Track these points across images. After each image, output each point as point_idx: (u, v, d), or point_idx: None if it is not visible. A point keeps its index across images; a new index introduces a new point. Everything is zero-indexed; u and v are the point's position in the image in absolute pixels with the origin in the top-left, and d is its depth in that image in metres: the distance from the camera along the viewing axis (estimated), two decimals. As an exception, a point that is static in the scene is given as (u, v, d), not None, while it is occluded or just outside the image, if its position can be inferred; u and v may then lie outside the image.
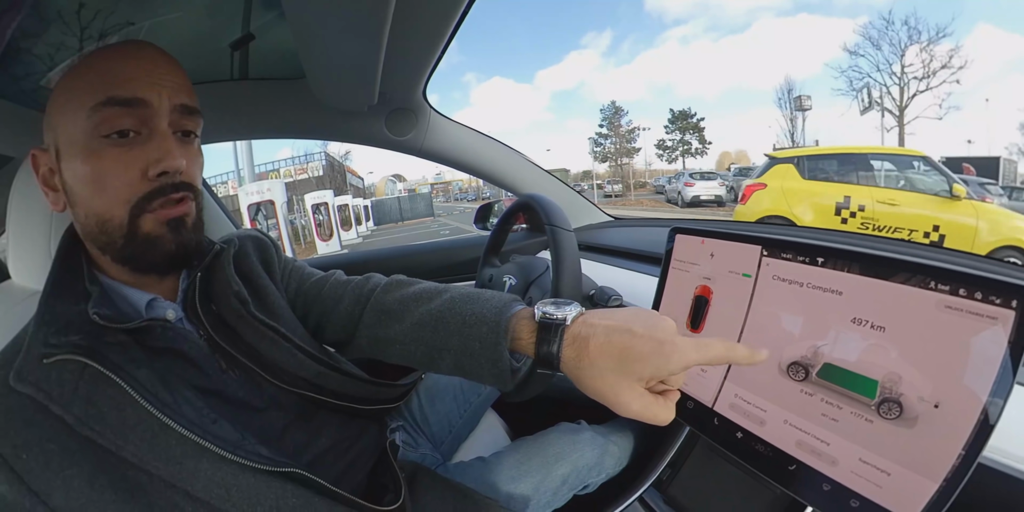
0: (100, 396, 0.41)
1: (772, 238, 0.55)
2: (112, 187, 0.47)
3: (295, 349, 0.56)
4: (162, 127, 0.48)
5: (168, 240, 0.50)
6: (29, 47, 0.75)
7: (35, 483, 0.38)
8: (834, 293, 0.48)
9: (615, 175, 27.38)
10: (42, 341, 0.42)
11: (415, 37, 0.76)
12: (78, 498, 0.38)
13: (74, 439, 0.40)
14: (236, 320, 0.55)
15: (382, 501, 0.54)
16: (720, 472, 0.64)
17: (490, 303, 0.52)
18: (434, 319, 0.54)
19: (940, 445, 0.39)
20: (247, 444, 0.45)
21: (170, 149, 0.48)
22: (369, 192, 39.54)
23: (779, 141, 14.47)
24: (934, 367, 0.40)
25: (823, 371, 0.47)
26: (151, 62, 0.49)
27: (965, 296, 0.39)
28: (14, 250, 0.64)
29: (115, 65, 0.48)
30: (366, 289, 0.64)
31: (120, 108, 0.46)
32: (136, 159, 0.47)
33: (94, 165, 0.47)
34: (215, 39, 0.90)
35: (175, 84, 0.50)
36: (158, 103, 0.48)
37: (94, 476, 0.39)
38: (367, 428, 0.64)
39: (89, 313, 0.45)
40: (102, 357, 0.42)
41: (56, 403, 0.40)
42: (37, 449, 0.39)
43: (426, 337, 0.54)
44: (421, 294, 0.59)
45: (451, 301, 0.55)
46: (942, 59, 14.67)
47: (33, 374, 0.41)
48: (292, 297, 0.66)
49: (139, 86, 0.47)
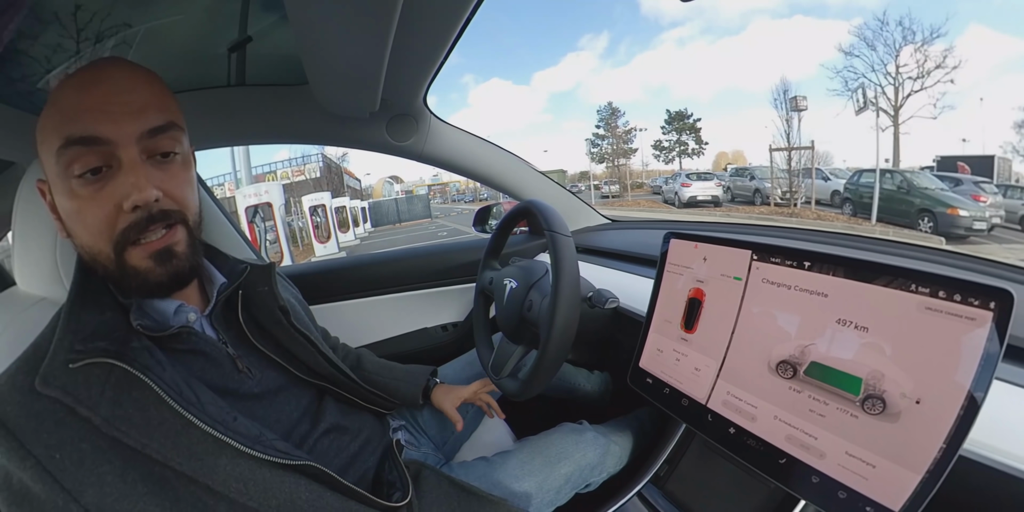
0: (125, 398, 0.43)
1: (762, 243, 0.57)
2: (93, 224, 0.48)
3: (318, 353, 0.66)
4: (128, 158, 0.47)
5: (157, 273, 0.50)
6: (25, 49, 0.75)
7: (68, 482, 0.39)
8: (820, 295, 0.50)
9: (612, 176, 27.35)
10: (68, 347, 0.44)
11: (419, 43, 0.77)
12: (111, 493, 0.40)
13: (103, 439, 0.42)
14: (275, 326, 0.63)
15: (390, 498, 0.56)
16: (716, 467, 0.66)
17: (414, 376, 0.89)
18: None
19: (922, 439, 0.41)
20: (264, 439, 0.47)
21: (138, 182, 0.47)
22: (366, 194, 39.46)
23: (775, 141, 14.48)
24: (916, 365, 0.42)
25: (810, 369, 0.49)
26: (107, 88, 0.47)
27: (945, 298, 0.41)
28: (20, 258, 0.64)
29: (72, 100, 0.46)
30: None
31: (80, 147, 0.46)
32: (110, 195, 0.47)
33: (73, 203, 0.48)
34: (214, 43, 0.90)
35: (137, 106, 0.48)
36: (117, 135, 0.46)
37: (124, 472, 0.41)
38: (367, 419, 0.71)
39: (132, 323, 0.48)
40: (130, 359, 0.44)
41: (83, 405, 0.41)
42: (71, 448, 0.40)
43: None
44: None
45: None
46: (936, 59, 14.69)
47: (60, 378, 0.42)
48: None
49: (94, 121, 0.46)
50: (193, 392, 0.46)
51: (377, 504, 0.53)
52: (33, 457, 0.40)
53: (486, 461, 0.81)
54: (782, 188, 13.19)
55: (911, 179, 9.11)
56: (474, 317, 1.01)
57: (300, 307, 0.78)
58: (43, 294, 0.64)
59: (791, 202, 12.67)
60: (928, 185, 8.85)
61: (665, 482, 0.70)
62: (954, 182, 9.07)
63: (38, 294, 0.64)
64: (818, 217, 11.14)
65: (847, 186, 10.84)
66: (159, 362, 0.46)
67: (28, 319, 0.60)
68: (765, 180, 13.82)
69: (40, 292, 0.64)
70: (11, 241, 0.66)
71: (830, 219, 10.77)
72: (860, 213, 10.17)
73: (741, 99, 62.19)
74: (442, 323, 1.39)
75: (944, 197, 8.36)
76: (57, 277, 0.63)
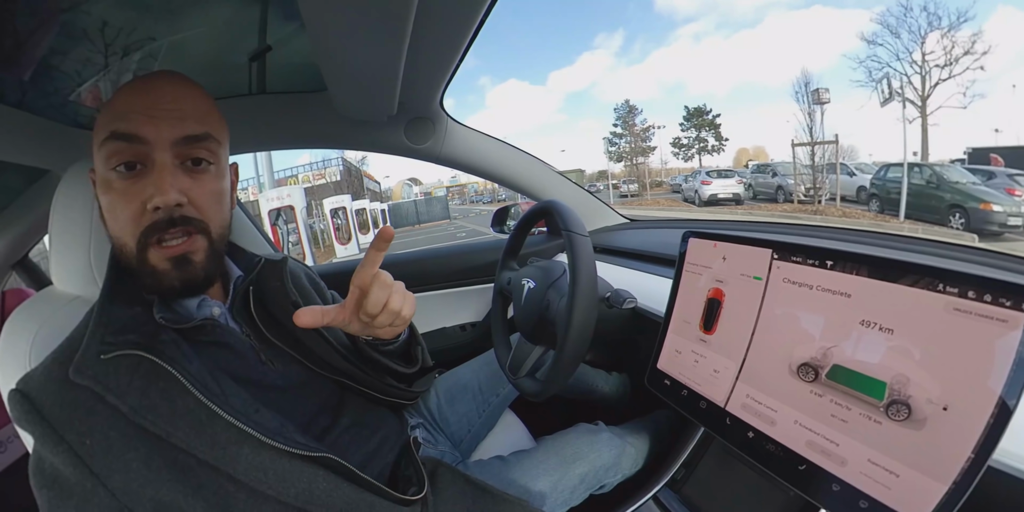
0: (153, 388, 0.45)
1: (782, 242, 0.56)
2: (121, 217, 0.51)
3: (333, 350, 0.65)
4: (160, 159, 0.50)
5: (172, 277, 0.52)
6: (57, 64, 0.79)
7: (97, 466, 0.42)
8: (843, 295, 0.48)
9: (631, 174, 27.13)
10: (99, 340, 0.46)
11: (433, 47, 0.78)
12: (136, 479, 0.42)
13: (130, 427, 0.44)
14: (288, 320, 0.60)
15: (406, 493, 0.57)
16: (734, 473, 0.65)
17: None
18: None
19: (949, 447, 0.39)
20: (286, 431, 0.49)
21: (162, 184, 0.50)
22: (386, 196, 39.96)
23: (797, 136, 14.10)
24: (943, 369, 0.41)
25: (832, 372, 0.48)
26: (156, 95, 0.51)
27: (974, 298, 0.39)
28: (56, 259, 0.67)
29: (124, 102, 0.51)
30: None
31: (121, 142, 0.50)
32: (138, 192, 0.50)
33: (108, 195, 0.51)
34: (235, 53, 0.93)
35: (179, 114, 0.51)
36: (155, 137, 0.50)
37: (150, 458, 0.43)
38: (386, 416, 0.71)
39: (155, 316, 0.51)
40: (159, 352, 0.46)
41: (113, 394, 0.44)
42: (100, 435, 0.43)
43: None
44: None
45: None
46: (964, 45, 14.04)
47: (92, 369, 0.45)
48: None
49: (137, 122, 0.50)
50: (217, 384, 0.48)
51: (392, 496, 0.54)
52: (65, 443, 0.42)
53: (502, 460, 0.81)
54: (805, 184, 12.86)
55: (941, 173, 8.75)
56: (492, 317, 1.02)
57: (321, 301, 0.77)
58: (78, 292, 0.67)
59: (815, 199, 12.35)
60: (959, 179, 8.49)
61: (682, 486, 0.69)
62: (987, 175, 8.65)
63: (73, 293, 0.67)
64: (843, 214, 10.84)
65: (873, 181, 10.50)
66: (185, 354, 0.49)
67: (64, 316, 0.63)
68: (788, 176, 13.51)
69: (75, 291, 0.67)
70: (48, 244, 0.69)
71: (856, 216, 10.48)
72: (888, 209, 9.85)
73: (760, 94, 61.12)
74: (460, 323, 1.41)
75: (976, 191, 8.02)
76: (91, 277, 0.66)
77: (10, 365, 0.59)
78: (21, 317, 0.63)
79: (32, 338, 0.60)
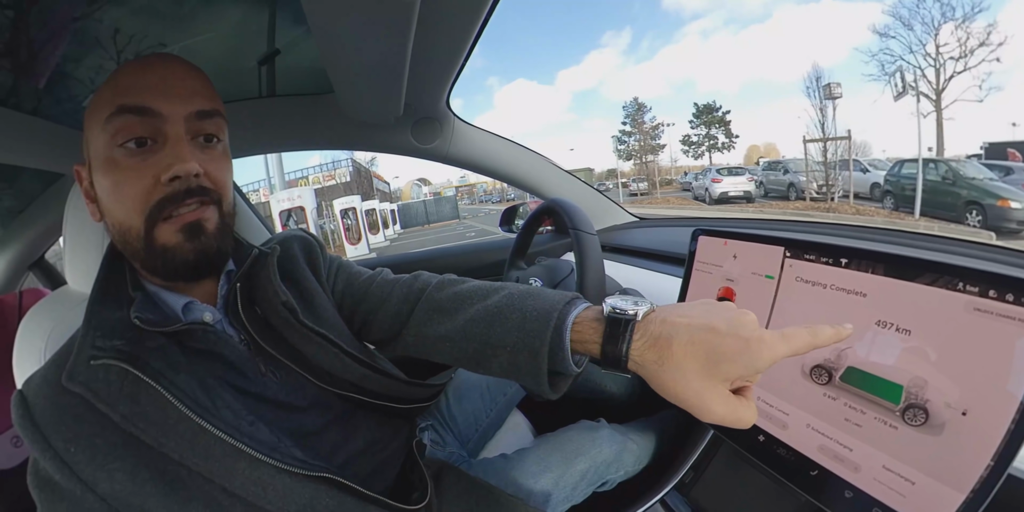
0: (143, 397, 0.43)
1: (795, 239, 0.54)
2: (129, 196, 0.48)
3: (342, 354, 0.56)
4: (174, 133, 0.48)
5: (185, 249, 0.49)
6: (71, 71, 0.81)
7: (83, 473, 0.41)
8: (858, 295, 0.47)
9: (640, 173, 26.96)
10: (90, 344, 0.45)
11: (438, 47, 0.78)
12: (121, 490, 0.41)
13: (119, 435, 0.42)
14: (283, 326, 0.55)
15: (410, 499, 0.55)
16: (744, 477, 0.64)
17: (552, 299, 0.49)
18: (490, 315, 0.52)
19: (968, 454, 0.38)
20: (282, 447, 0.46)
21: (181, 153, 0.47)
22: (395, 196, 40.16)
23: (809, 132, 13.87)
24: (962, 372, 0.39)
25: (847, 375, 0.47)
26: (163, 71, 0.49)
27: (995, 298, 0.38)
28: (70, 259, 0.68)
29: (130, 77, 0.48)
30: (416, 287, 0.62)
31: (131, 116, 0.47)
32: (151, 167, 0.47)
33: (113, 175, 0.48)
34: (244, 57, 0.95)
35: (189, 90, 0.49)
36: (169, 111, 0.48)
37: (136, 470, 0.42)
38: (401, 428, 0.65)
39: (131, 317, 0.47)
40: (143, 363, 0.44)
41: (103, 401, 0.43)
42: (85, 443, 0.42)
43: (480, 334, 0.52)
44: (476, 290, 0.57)
45: (509, 297, 0.53)
46: (979, 36, 13.59)
47: (82, 375, 0.44)
48: (339, 297, 0.65)
49: (150, 96, 0.47)
50: (208, 396, 0.46)
51: (396, 508, 0.52)
52: (52, 449, 0.41)
53: (505, 458, 0.81)
54: (818, 181, 12.66)
55: (957, 169, 8.56)
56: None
57: (331, 284, 0.66)
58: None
59: (828, 196, 12.15)
60: (976, 175, 8.29)
61: (690, 490, 0.69)
62: (1004, 171, 8.44)
63: (86, 292, 0.68)
64: (857, 212, 10.66)
65: (887, 178, 10.31)
66: (173, 364, 0.46)
67: (77, 314, 0.63)
68: (800, 173, 13.31)
69: (88, 290, 0.68)
70: (62, 245, 0.70)
71: (870, 214, 10.30)
72: (902, 207, 9.67)
73: (771, 89, 60.40)
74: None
75: (994, 188, 7.83)
76: None
77: (27, 362, 0.61)
78: (36, 316, 0.65)
79: (47, 336, 0.62)
